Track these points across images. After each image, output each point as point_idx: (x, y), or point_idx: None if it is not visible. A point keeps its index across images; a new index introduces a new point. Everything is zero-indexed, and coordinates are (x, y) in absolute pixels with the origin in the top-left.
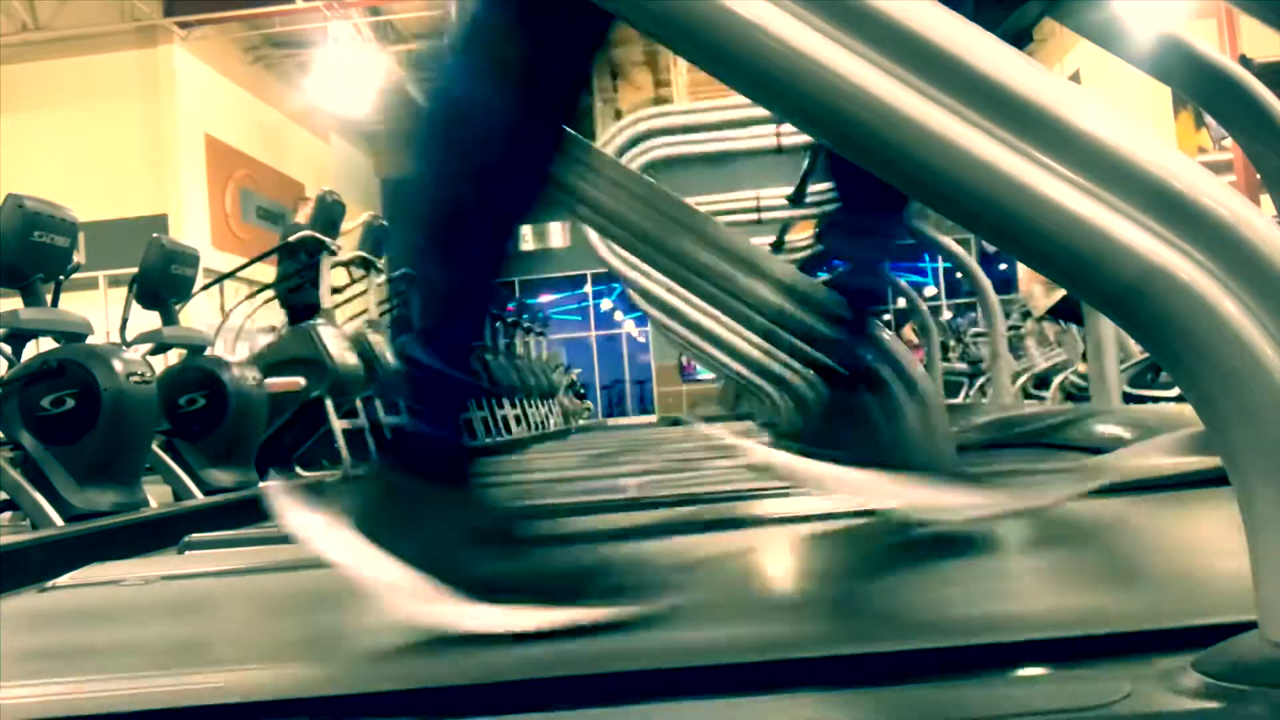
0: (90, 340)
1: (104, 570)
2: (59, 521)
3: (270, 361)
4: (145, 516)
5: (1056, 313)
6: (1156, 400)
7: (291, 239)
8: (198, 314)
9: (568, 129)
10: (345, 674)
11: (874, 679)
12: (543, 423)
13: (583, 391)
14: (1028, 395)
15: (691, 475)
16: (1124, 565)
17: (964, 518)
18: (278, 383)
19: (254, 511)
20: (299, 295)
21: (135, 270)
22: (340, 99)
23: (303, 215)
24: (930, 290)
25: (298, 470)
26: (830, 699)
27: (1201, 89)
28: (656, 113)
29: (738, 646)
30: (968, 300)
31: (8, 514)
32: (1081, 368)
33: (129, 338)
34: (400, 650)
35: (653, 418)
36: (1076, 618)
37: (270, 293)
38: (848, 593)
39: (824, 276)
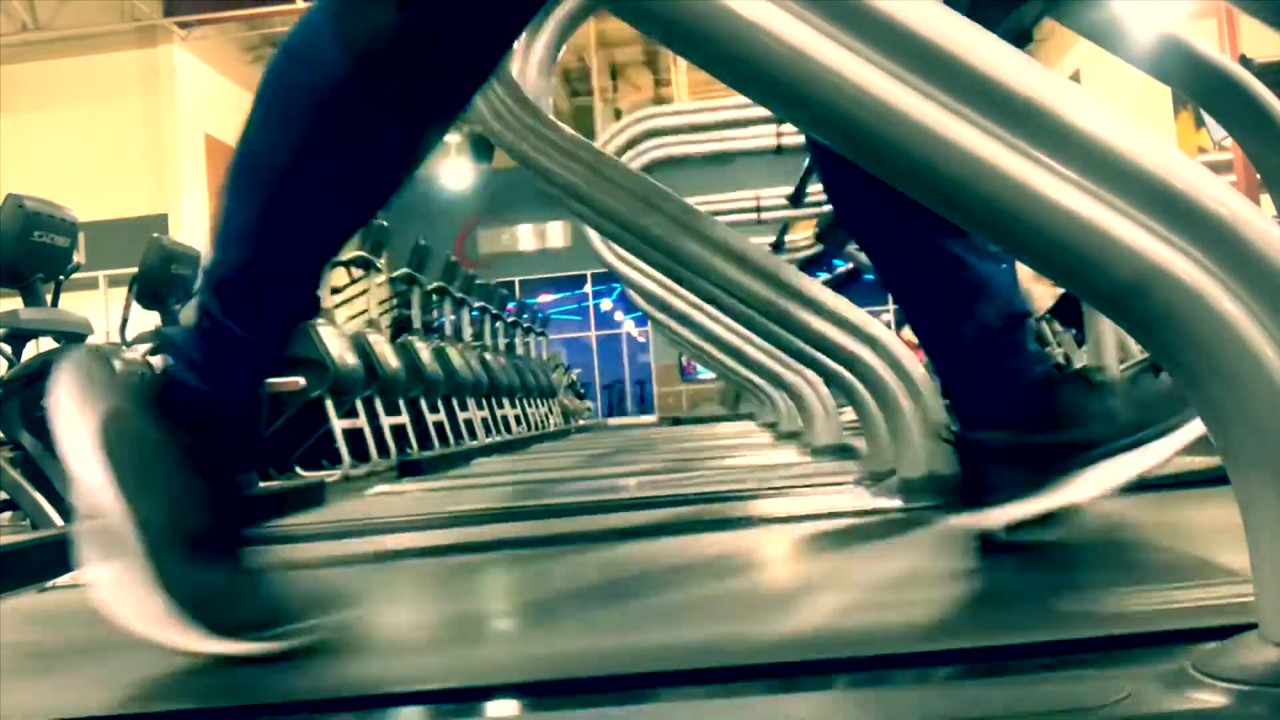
0: (90, 340)
1: None
2: (59, 521)
3: None
4: None
5: (1056, 313)
6: None
7: None
8: None
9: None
10: (345, 674)
11: (873, 679)
12: (542, 422)
13: (583, 391)
14: None
15: (692, 475)
16: (1124, 565)
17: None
18: (278, 382)
19: (254, 511)
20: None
21: (135, 270)
22: None
23: None
24: None
25: (298, 470)
26: (830, 699)
27: (1201, 89)
28: (656, 113)
29: (738, 647)
30: None
31: (8, 514)
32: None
33: (129, 338)
34: (404, 651)
35: (653, 417)
36: (1076, 618)
37: None
38: (846, 593)
39: (824, 276)
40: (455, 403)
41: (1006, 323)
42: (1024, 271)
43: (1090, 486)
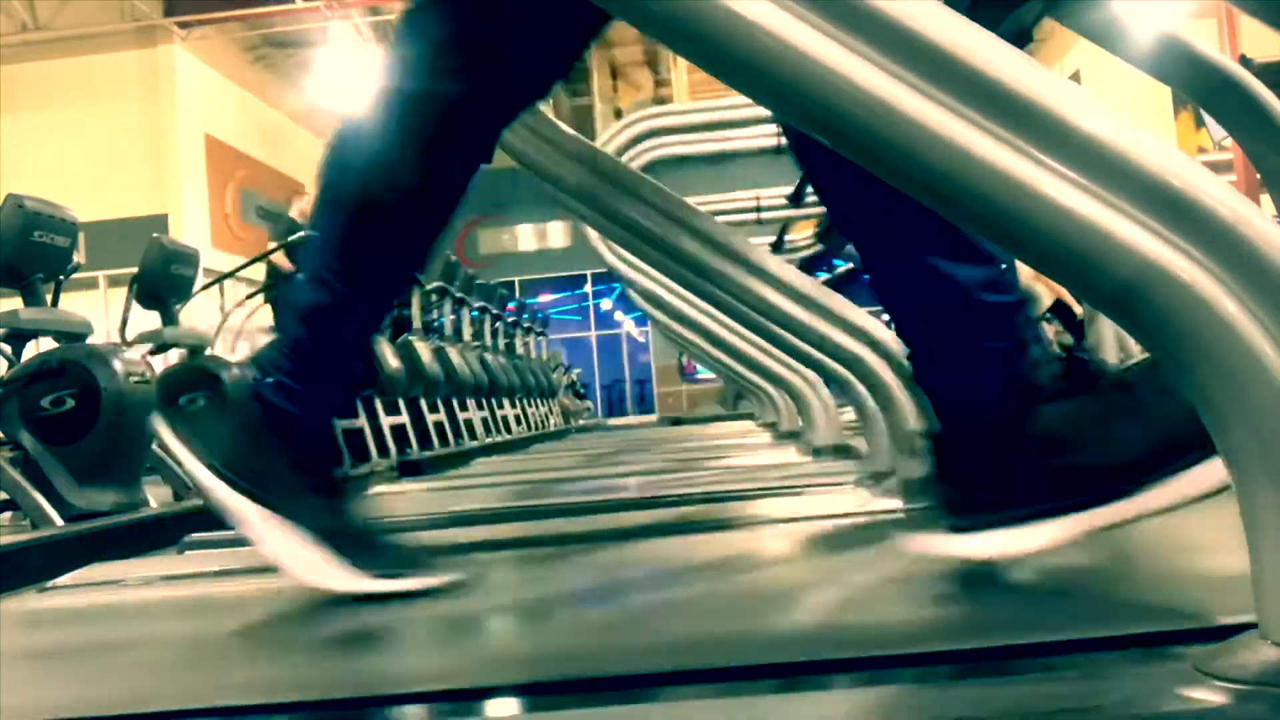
0: (90, 340)
1: (104, 570)
2: (59, 521)
3: None
4: (145, 516)
5: (1057, 312)
6: None
7: (290, 239)
8: (198, 314)
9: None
10: (345, 674)
11: (873, 679)
12: (542, 422)
13: (583, 391)
14: None
15: (692, 475)
16: (1124, 566)
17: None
18: None
19: None
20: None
21: (135, 270)
22: (340, 99)
23: (296, 210)
24: None
25: None
26: (830, 699)
27: (1201, 89)
28: (656, 113)
29: (738, 647)
30: None
31: (8, 514)
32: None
33: (129, 338)
34: (404, 651)
35: (653, 417)
36: (1076, 618)
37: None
38: (846, 593)
39: (824, 276)
40: (455, 403)
41: (1000, 328)
42: (1024, 271)
43: (1081, 526)
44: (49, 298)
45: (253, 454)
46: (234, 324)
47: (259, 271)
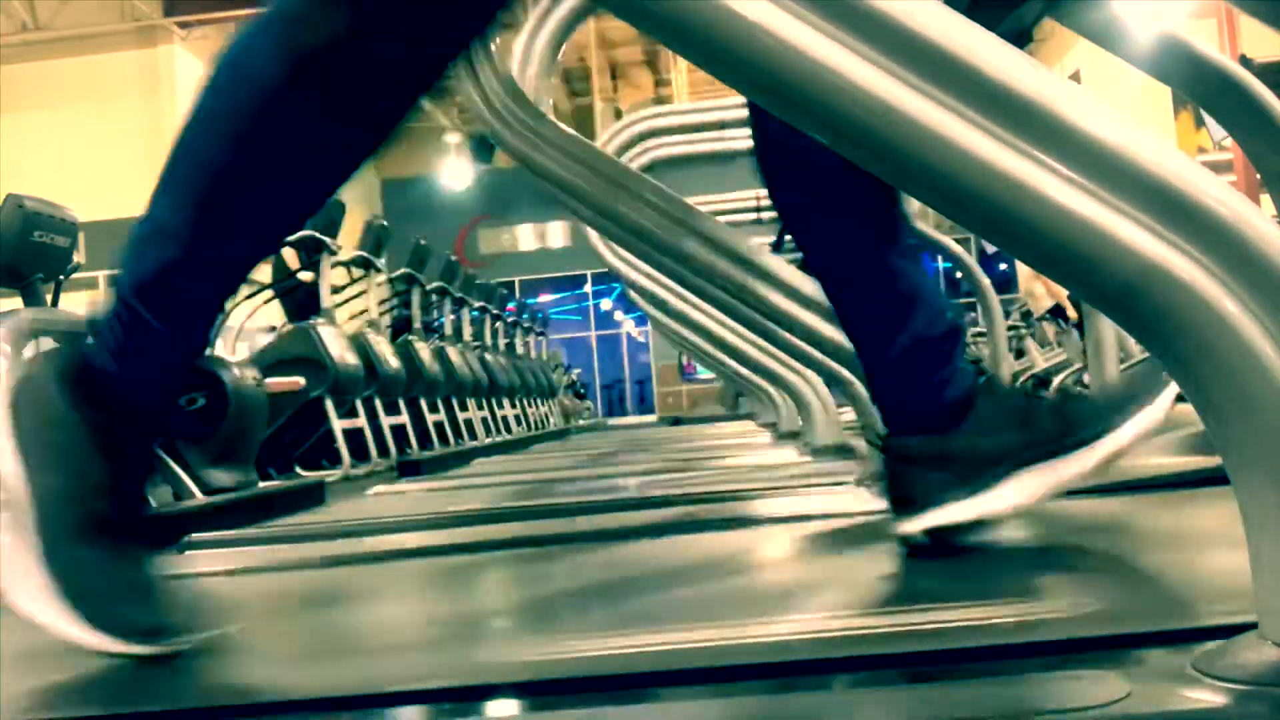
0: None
1: None
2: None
3: (270, 361)
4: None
5: (1056, 313)
6: None
7: (291, 238)
8: None
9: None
10: (345, 673)
11: (873, 679)
12: (542, 422)
13: (583, 391)
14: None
15: (692, 475)
16: (1124, 565)
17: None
18: (278, 383)
19: (254, 511)
20: (298, 294)
21: None
22: None
23: None
24: None
25: (298, 470)
26: (830, 699)
27: (1201, 89)
28: (656, 113)
29: (737, 646)
30: (968, 300)
31: None
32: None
33: None
34: (404, 651)
35: (653, 417)
36: (1076, 618)
37: (270, 292)
38: (846, 593)
39: None
40: (455, 403)
41: (938, 333)
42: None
43: (1011, 495)
44: (49, 298)
45: (56, 413)
46: (234, 324)
47: (259, 271)
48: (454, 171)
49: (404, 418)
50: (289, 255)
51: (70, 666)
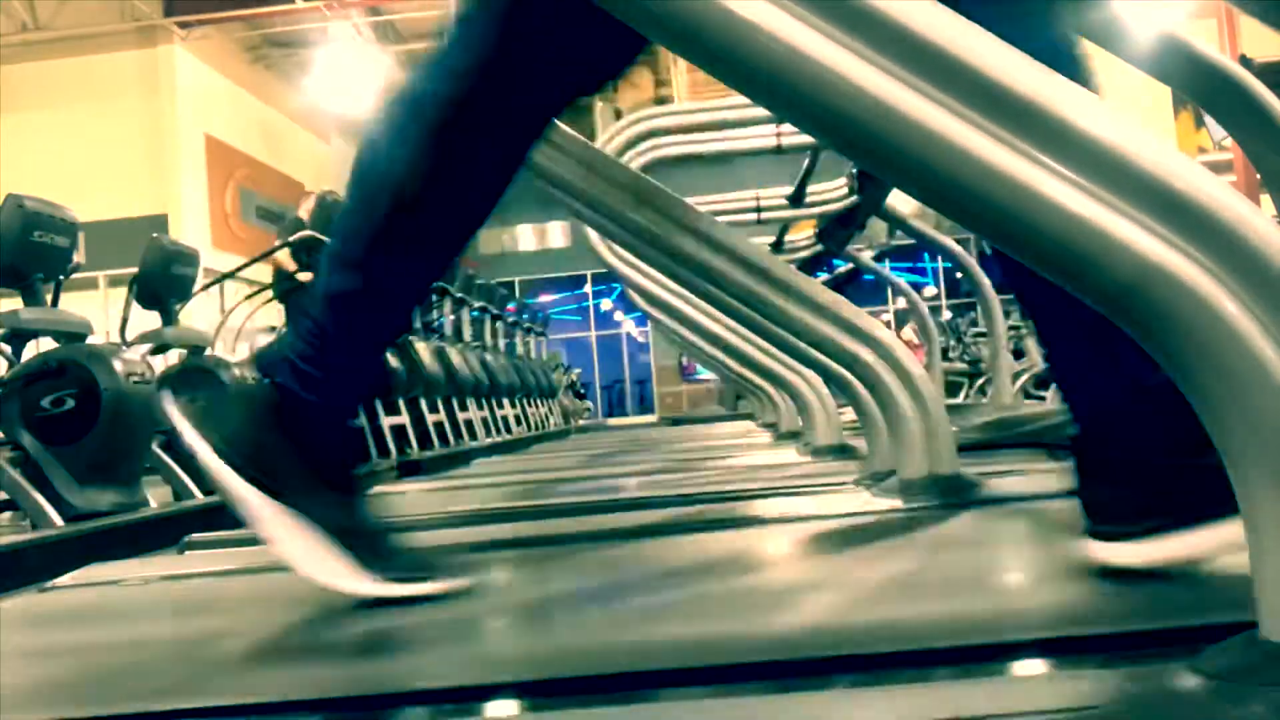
0: (90, 340)
1: (104, 570)
2: (59, 521)
3: None
4: (145, 516)
5: None
6: None
7: (291, 239)
8: (198, 314)
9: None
10: (345, 673)
11: (873, 679)
12: (542, 423)
13: (583, 391)
14: (1028, 395)
15: (692, 475)
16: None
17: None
18: None
19: None
20: (298, 295)
21: (135, 270)
22: (340, 99)
23: (304, 210)
24: (930, 290)
25: None
26: (830, 699)
27: (1201, 89)
28: (656, 113)
29: (738, 646)
30: (968, 300)
31: (8, 514)
32: None
33: (129, 338)
34: (403, 651)
35: (653, 417)
36: (1076, 617)
37: (270, 293)
38: (846, 593)
39: (824, 276)
40: (455, 403)
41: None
42: None
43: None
44: (49, 298)
45: (266, 443)
46: (234, 324)
47: (259, 271)
48: None
49: (404, 418)
50: (289, 256)
51: (70, 666)
